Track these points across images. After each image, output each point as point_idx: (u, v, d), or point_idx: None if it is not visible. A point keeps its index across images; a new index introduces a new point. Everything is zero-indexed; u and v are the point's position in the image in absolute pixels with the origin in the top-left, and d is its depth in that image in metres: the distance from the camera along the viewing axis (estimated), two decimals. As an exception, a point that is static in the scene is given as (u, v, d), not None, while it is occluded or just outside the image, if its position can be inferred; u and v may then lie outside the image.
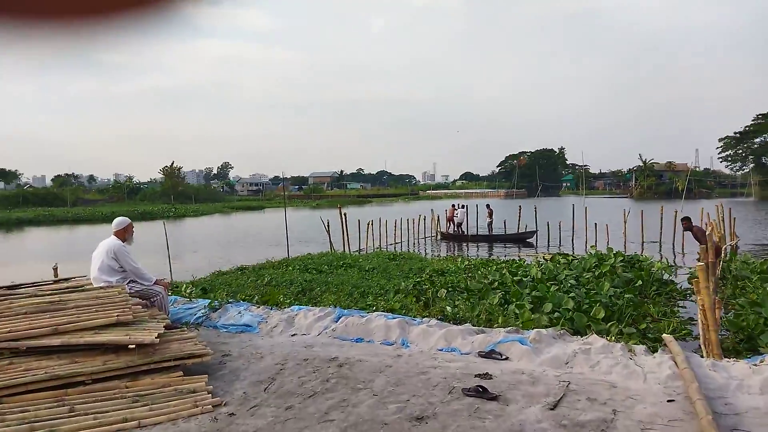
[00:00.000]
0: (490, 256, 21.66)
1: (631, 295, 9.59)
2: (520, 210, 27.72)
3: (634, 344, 5.43)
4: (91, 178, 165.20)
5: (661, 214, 23.22)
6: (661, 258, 15.07)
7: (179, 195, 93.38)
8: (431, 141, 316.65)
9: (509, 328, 5.23)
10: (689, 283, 12.88)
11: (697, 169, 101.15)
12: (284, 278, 13.39)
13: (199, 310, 6.73)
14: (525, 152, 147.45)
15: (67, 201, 76.68)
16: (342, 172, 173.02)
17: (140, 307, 5.54)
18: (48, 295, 5.42)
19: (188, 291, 10.68)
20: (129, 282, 6.05)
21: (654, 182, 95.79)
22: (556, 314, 8.26)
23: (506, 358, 4.81)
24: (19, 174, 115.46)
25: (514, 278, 11.05)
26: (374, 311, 6.34)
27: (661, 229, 23.00)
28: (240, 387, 4.54)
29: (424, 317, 5.97)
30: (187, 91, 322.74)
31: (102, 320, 4.98)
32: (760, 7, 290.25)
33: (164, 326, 5.33)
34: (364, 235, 23.69)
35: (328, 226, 21.57)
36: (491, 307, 6.90)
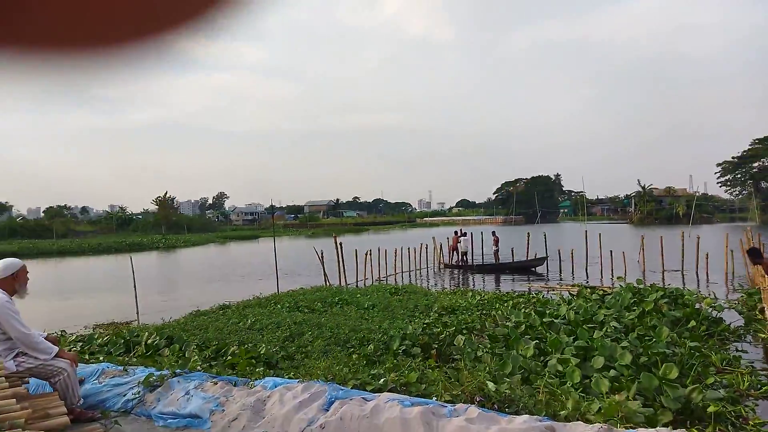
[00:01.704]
0: (498, 288, 19.86)
1: (696, 343, 7.78)
2: (528, 237, 25.92)
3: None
4: (84, 209, 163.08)
5: (683, 240, 21.48)
6: (699, 291, 13.26)
7: (172, 225, 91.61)
8: (427, 169, 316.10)
9: (598, 426, 3.37)
10: (747, 319, 11.12)
11: (697, 194, 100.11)
12: (270, 319, 11.51)
13: (132, 387, 4.80)
14: (521, 179, 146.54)
15: (56, 233, 74.54)
16: (338, 200, 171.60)
17: (13, 400, 3.55)
18: None
19: (148, 340, 8.79)
20: (16, 355, 4.20)
21: (653, 207, 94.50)
22: (612, 372, 6.44)
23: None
24: (9, 206, 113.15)
25: (543, 320, 9.21)
26: (380, 382, 4.49)
27: (682, 256, 21.24)
28: None
29: (454, 400, 4.11)
30: (183, 123, 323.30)
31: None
32: (755, 40, 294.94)
33: (72, 417, 3.49)
34: (361, 266, 21.81)
35: (322, 256, 19.72)
36: (549, 381, 4.98)
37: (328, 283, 18.98)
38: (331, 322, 11.01)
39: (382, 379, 4.60)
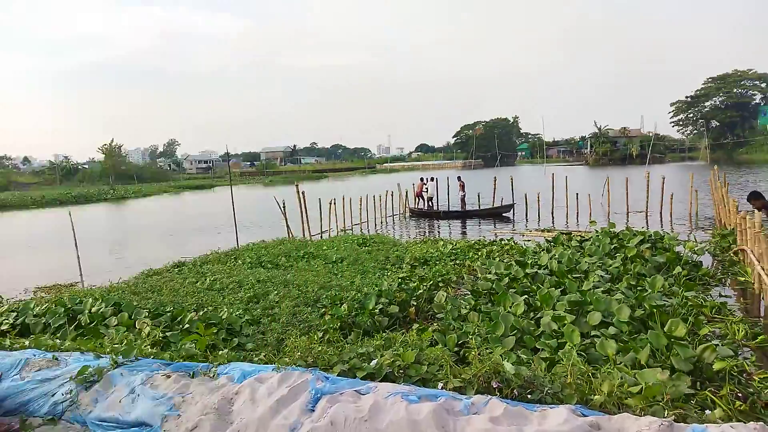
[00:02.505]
0: (465, 234, 19.44)
1: (692, 292, 7.40)
2: (495, 182, 25.41)
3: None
4: (26, 159, 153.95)
5: (647, 180, 21.42)
6: (675, 233, 13.06)
7: (121, 175, 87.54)
8: (386, 113, 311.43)
9: (657, 423, 2.70)
10: (724, 262, 10.93)
11: (650, 134, 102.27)
12: (231, 278, 10.63)
13: (63, 383, 3.85)
14: (480, 122, 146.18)
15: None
16: (295, 146, 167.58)
17: None
18: None
19: (93, 308, 7.79)
20: None
21: (609, 149, 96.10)
22: (612, 330, 5.93)
23: None
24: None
25: (526, 271, 8.67)
26: (373, 365, 3.73)
27: (647, 198, 21.24)
28: None
29: (465, 386, 3.39)
30: (129, 63, 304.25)
31: None
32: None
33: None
34: (325, 216, 20.87)
35: (284, 207, 18.67)
36: (568, 356, 4.27)
37: (291, 235, 18.07)
38: (299, 279, 10.24)
39: (374, 361, 3.85)
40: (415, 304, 8.26)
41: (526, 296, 7.07)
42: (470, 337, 5.91)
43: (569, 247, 10.89)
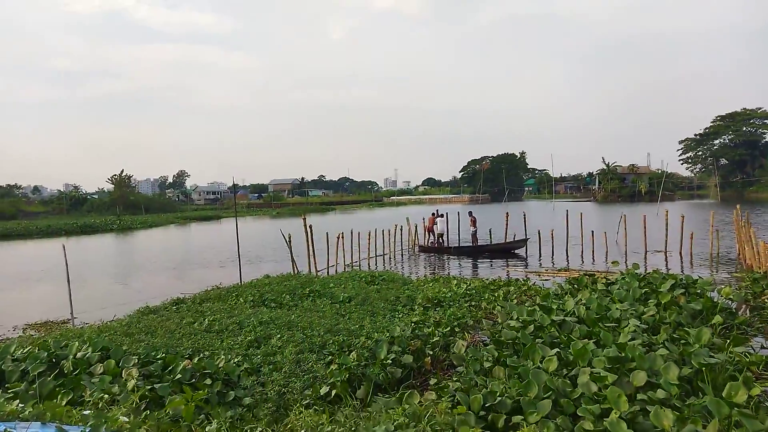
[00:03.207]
0: (476, 272, 18.71)
1: (740, 347, 6.64)
2: (507, 217, 24.74)
3: None
4: (36, 189, 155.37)
5: (666, 218, 20.69)
6: (710, 277, 12.27)
7: (129, 205, 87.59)
8: (393, 147, 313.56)
9: None
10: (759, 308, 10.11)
11: (659, 171, 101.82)
12: (231, 318, 9.92)
13: None
14: (487, 157, 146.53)
15: (5, 214, 69.92)
16: (303, 179, 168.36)
17: None
18: None
19: (78, 353, 7.11)
20: None
21: (618, 185, 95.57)
22: (661, 393, 5.18)
23: None
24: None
25: (552, 317, 7.93)
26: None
27: (666, 237, 20.47)
28: None
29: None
30: (143, 97, 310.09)
31: None
32: (721, 18, 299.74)
33: None
34: (332, 250, 20.19)
35: (290, 240, 18.05)
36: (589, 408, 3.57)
37: (296, 270, 17.39)
38: (303, 321, 9.52)
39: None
40: (431, 353, 7.53)
41: (557, 349, 6.32)
42: (498, 397, 5.18)
43: (595, 291, 10.14)
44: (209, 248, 30.34)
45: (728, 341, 6.89)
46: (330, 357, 7.53)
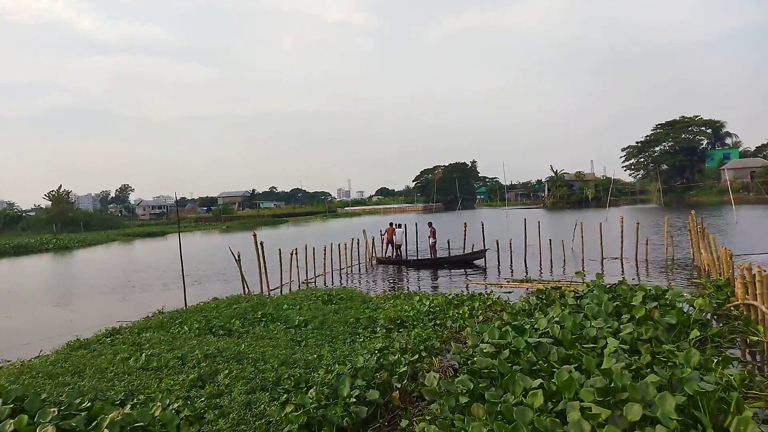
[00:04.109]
0: (435, 284, 18.15)
1: (729, 369, 6.23)
2: (465, 228, 24.33)
3: None
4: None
5: (621, 225, 20.77)
6: (679, 288, 12.05)
7: (68, 222, 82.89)
8: (345, 157, 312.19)
9: None
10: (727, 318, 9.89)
11: (604, 177, 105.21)
12: (173, 351, 8.86)
13: None
14: (439, 166, 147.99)
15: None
16: (254, 191, 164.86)
17: None
18: None
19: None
20: None
21: (566, 192, 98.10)
22: (660, 429, 4.63)
23: None
24: None
25: (527, 339, 7.34)
26: None
27: (621, 243, 20.54)
28: None
29: None
30: (83, 108, 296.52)
31: None
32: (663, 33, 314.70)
33: None
34: (285, 266, 19.11)
35: (239, 258, 16.93)
36: None
37: (247, 290, 16.29)
38: (255, 351, 8.59)
39: None
40: (398, 386, 6.78)
41: (540, 380, 5.70)
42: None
43: (565, 305, 9.67)
44: (152, 267, 28.53)
45: (716, 362, 6.45)
46: (285, 395, 6.68)
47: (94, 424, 5.65)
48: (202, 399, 6.67)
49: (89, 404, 6.25)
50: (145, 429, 5.62)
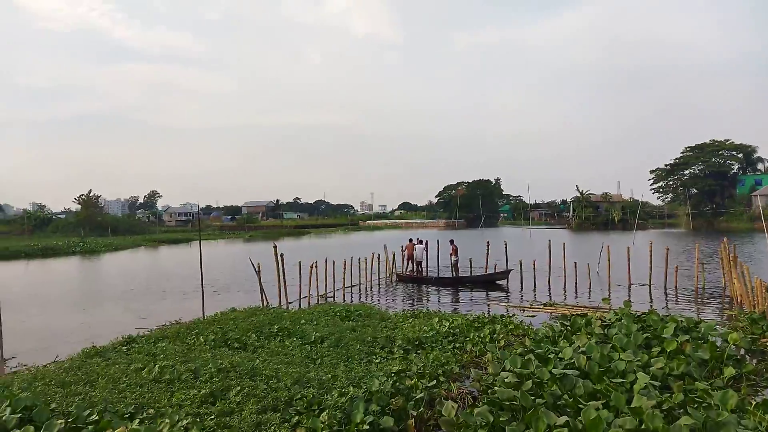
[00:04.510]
0: (456, 304, 17.80)
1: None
2: (488, 246, 23.96)
3: None
4: (0, 208, 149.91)
5: (651, 250, 20.14)
6: (711, 320, 11.54)
7: (96, 226, 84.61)
8: (369, 170, 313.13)
9: None
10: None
11: (631, 200, 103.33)
12: (187, 363, 8.73)
13: None
14: (463, 182, 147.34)
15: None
16: (278, 201, 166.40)
17: None
18: None
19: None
20: None
21: (591, 213, 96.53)
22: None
23: None
24: None
25: (551, 369, 7.01)
26: None
27: (650, 269, 19.91)
28: None
29: None
30: (115, 116, 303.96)
31: None
32: (686, 54, 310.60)
33: None
34: (305, 279, 18.92)
35: (259, 270, 16.86)
36: None
37: (266, 302, 16.19)
38: (269, 368, 8.41)
39: None
40: (414, 413, 6.51)
41: (566, 418, 5.37)
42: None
43: (592, 335, 9.28)
44: (175, 275, 28.74)
45: (754, 404, 6.02)
46: (296, 417, 6.47)
47: (100, 438, 5.52)
48: (212, 417, 6.49)
49: (97, 417, 6.13)
50: (152, 447, 5.46)
